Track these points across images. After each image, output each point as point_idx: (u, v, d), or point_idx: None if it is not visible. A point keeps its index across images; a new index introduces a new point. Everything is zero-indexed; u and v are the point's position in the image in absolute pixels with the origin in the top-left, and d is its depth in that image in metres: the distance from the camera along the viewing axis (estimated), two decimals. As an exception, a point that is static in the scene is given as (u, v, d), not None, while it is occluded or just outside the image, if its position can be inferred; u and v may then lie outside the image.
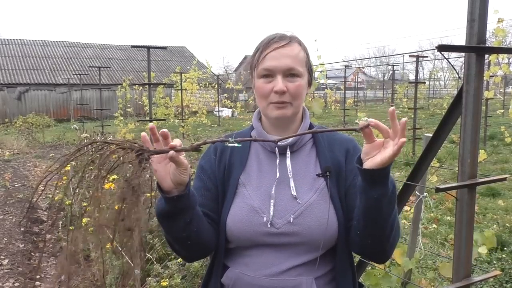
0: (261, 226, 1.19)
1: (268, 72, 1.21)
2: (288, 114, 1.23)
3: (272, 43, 1.22)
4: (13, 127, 15.30)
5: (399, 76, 36.45)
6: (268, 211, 1.20)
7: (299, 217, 1.19)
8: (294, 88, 1.21)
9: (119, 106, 12.34)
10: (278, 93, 1.20)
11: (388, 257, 1.22)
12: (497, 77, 6.84)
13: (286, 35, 1.24)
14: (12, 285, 3.77)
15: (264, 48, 1.23)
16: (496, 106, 19.78)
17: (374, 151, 1.04)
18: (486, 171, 7.61)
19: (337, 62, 20.01)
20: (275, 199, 1.22)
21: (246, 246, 1.24)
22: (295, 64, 1.21)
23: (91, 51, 27.78)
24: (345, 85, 17.08)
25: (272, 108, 1.23)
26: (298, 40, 1.26)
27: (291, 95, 1.21)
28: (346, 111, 16.68)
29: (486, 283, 3.45)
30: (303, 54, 1.25)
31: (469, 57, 1.28)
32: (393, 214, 1.12)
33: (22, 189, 7.30)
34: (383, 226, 1.12)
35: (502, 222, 5.00)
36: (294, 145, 1.28)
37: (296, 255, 1.20)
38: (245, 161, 1.30)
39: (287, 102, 1.21)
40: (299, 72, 1.22)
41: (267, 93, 1.22)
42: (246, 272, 1.21)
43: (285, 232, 1.19)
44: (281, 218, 1.20)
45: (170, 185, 1.07)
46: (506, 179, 1.50)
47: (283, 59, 1.20)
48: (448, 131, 1.64)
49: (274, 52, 1.20)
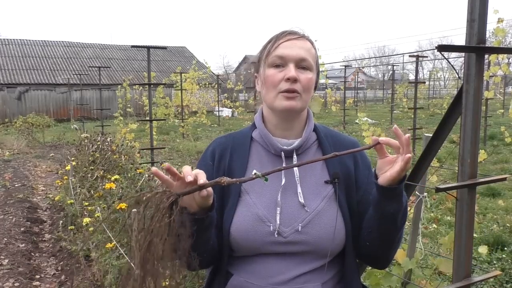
0: (268, 236, 1.16)
1: (280, 61, 1.18)
2: (297, 106, 1.19)
3: (286, 34, 1.21)
4: (13, 127, 15.29)
5: (399, 76, 36.48)
6: (275, 219, 1.16)
7: (307, 225, 1.16)
8: (306, 80, 1.19)
9: (119, 106, 12.37)
10: (290, 79, 1.16)
11: (389, 263, 1.25)
12: (497, 77, 6.84)
13: (299, 32, 1.24)
14: (12, 285, 3.77)
15: (278, 38, 1.22)
16: (496, 106, 19.79)
17: (386, 166, 1.06)
18: (486, 171, 7.60)
19: (337, 62, 20.03)
20: (281, 208, 1.17)
21: (251, 254, 1.20)
22: (308, 56, 1.20)
23: (91, 51, 27.77)
24: (345, 85, 17.07)
25: (281, 98, 1.18)
26: (310, 39, 1.25)
27: (302, 85, 1.18)
28: (346, 111, 16.67)
29: (486, 283, 3.45)
30: (315, 52, 1.24)
31: (469, 57, 1.28)
32: (404, 226, 1.15)
33: (22, 189, 7.30)
34: (394, 238, 1.15)
35: (502, 222, 5.00)
36: (300, 148, 1.24)
37: (303, 263, 1.17)
38: (246, 166, 1.24)
39: (297, 92, 1.18)
40: (311, 65, 1.20)
41: (278, 81, 1.18)
42: (251, 280, 1.17)
43: (293, 241, 1.16)
44: (288, 226, 1.16)
45: (196, 209, 1.04)
46: (506, 179, 1.50)
47: (297, 49, 1.19)
48: (448, 131, 1.64)
49: (288, 42, 1.19)
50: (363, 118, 6.94)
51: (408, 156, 1.01)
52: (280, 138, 1.25)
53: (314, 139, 1.28)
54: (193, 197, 1.01)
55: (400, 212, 1.10)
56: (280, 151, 1.23)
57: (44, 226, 5.61)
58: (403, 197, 1.10)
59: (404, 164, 1.01)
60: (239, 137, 1.31)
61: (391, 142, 1.03)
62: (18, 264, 4.16)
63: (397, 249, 1.21)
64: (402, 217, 1.12)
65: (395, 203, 1.08)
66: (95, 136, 8.25)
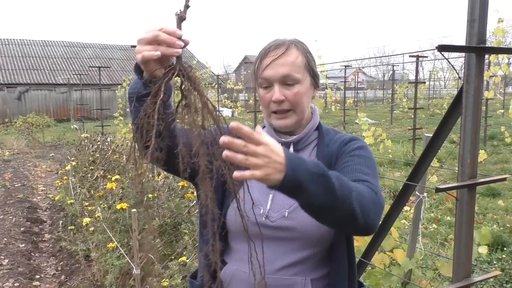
0: (257, 217, 1.19)
1: (266, 83, 1.24)
2: (290, 123, 1.25)
3: (269, 52, 1.24)
4: (13, 127, 15.31)
5: (399, 76, 36.44)
6: (266, 203, 1.23)
7: (293, 211, 1.20)
8: (292, 95, 1.22)
9: (119, 106, 12.33)
10: (276, 102, 1.22)
11: (368, 229, 1.08)
12: (497, 77, 6.84)
13: (284, 42, 1.24)
14: (12, 285, 3.77)
15: (262, 57, 1.25)
16: (496, 106, 19.78)
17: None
18: (486, 171, 7.60)
19: (337, 62, 20.03)
20: (274, 193, 1.23)
21: (242, 241, 1.21)
22: (291, 71, 1.21)
23: (91, 51, 27.77)
24: (345, 85, 17.08)
25: (274, 118, 1.26)
26: (296, 45, 1.25)
27: (290, 102, 1.23)
28: (346, 111, 16.68)
29: (486, 283, 3.45)
30: (301, 59, 1.24)
31: (469, 57, 1.28)
32: (340, 201, 0.98)
33: (22, 189, 7.31)
34: (335, 216, 1.01)
35: (502, 222, 5.01)
36: (299, 143, 1.30)
37: (290, 252, 1.20)
38: None
39: (287, 110, 1.23)
40: (297, 78, 1.22)
41: (267, 102, 1.25)
42: (242, 269, 1.21)
43: (280, 226, 1.20)
44: (276, 212, 1.21)
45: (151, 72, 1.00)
46: (506, 179, 1.50)
47: (278, 68, 1.21)
48: (448, 131, 1.64)
49: (270, 63, 1.23)
50: (363, 118, 6.95)
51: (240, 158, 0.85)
52: (283, 135, 1.31)
53: (315, 137, 1.32)
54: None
55: (310, 200, 0.94)
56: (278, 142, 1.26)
57: (44, 226, 5.61)
58: (314, 181, 0.93)
59: (244, 175, 0.85)
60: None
61: (243, 130, 0.86)
62: (18, 264, 4.16)
63: (371, 214, 1.05)
64: (324, 198, 0.95)
65: (294, 197, 0.94)
66: (95, 136, 8.26)
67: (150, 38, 0.95)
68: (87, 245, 3.88)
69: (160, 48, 0.94)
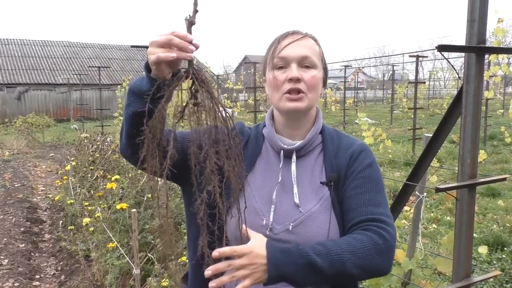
0: (260, 228, 1.15)
1: (282, 63, 1.18)
2: (302, 106, 1.18)
3: (288, 35, 1.22)
4: (13, 127, 15.30)
5: (399, 76, 36.45)
6: (269, 214, 1.17)
7: (299, 226, 1.15)
8: (309, 78, 1.17)
9: (119, 106, 12.33)
10: (293, 80, 1.16)
11: (378, 275, 1.12)
12: (497, 77, 6.83)
13: (301, 31, 1.24)
14: (12, 285, 3.77)
15: (280, 40, 1.22)
16: (496, 106, 19.80)
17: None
18: (486, 171, 7.60)
19: (337, 62, 19.97)
20: (276, 204, 1.18)
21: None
22: (310, 53, 1.19)
23: (91, 51, 27.76)
24: (345, 85, 17.09)
25: (285, 100, 1.18)
26: (313, 37, 1.25)
27: (306, 85, 1.17)
28: (346, 111, 16.68)
29: (486, 283, 3.45)
30: (319, 49, 1.23)
31: (469, 57, 1.28)
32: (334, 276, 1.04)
33: (22, 189, 7.30)
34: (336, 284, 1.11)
35: (502, 222, 5.00)
36: (301, 149, 1.23)
37: None
38: (255, 159, 1.25)
39: (302, 92, 1.17)
40: (314, 62, 1.19)
41: (281, 83, 1.18)
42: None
43: (283, 239, 1.15)
44: (280, 224, 1.16)
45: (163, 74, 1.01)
46: (506, 179, 1.50)
47: (298, 48, 1.18)
48: (448, 131, 1.64)
49: (289, 43, 1.19)
50: (363, 118, 6.94)
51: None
52: (285, 138, 1.25)
53: (319, 142, 1.26)
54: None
55: (317, 279, 1.03)
56: (279, 150, 1.23)
57: (44, 226, 5.61)
58: (308, 265, 1.01)
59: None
60: (254, 131, 1.32)
61: (225, 253, 0.99)
62: (18, 264, 4.16)
63: (373, 268, 1.07)
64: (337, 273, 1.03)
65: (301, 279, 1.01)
66: (95, 136, 8.25)
67: (163, 41, 0.96)
68: (87, 245, 3.88)
69: (173, 51, 0.96)
